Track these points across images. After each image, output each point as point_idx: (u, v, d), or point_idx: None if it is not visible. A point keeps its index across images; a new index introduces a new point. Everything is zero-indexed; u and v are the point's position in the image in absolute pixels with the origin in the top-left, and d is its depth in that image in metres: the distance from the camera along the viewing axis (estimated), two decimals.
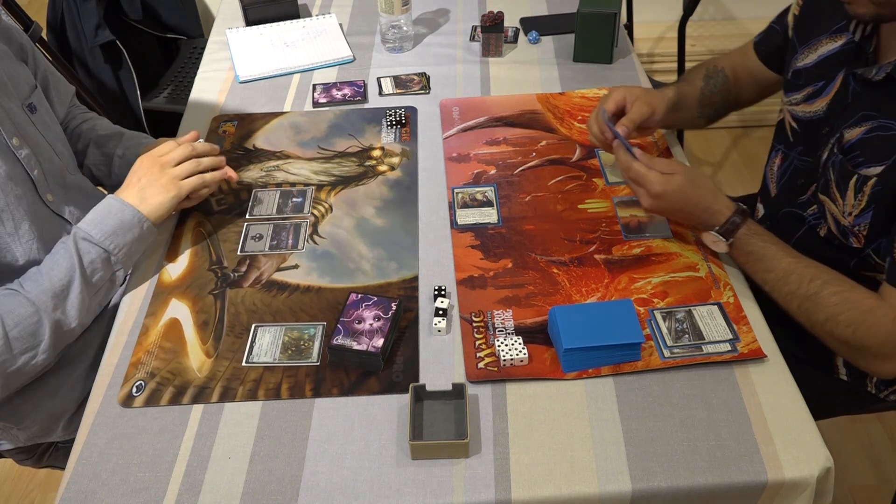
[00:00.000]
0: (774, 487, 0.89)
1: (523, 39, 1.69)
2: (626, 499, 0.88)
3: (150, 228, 1.12)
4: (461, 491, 0.88)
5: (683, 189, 1.09)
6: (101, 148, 1.33)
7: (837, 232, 1.12)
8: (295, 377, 1.01)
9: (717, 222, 1.09)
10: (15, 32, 1.22)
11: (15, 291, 1.02)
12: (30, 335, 1.01)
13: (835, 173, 1.10)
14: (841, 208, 1.09)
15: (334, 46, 1.66)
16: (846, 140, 1.08)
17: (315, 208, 1.27)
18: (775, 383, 0.98)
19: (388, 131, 1.43)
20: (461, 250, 1.18)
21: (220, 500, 0.88)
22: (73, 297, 1.04)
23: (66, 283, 1.04)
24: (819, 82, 1.17)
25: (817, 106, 1.17)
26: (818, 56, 1.17)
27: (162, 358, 1.04)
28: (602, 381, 0.99)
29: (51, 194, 1.14)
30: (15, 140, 1.09)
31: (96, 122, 1.38)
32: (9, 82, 1.13)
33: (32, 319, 1.01)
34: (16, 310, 1.00)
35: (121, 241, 1.09)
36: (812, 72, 1.18)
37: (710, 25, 2.73)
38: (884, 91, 1.05)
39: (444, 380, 1.00)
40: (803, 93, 1.19)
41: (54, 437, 1.20)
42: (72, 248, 1.06)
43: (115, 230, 1.08)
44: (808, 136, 1.20)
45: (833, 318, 1.00)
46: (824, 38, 1.16)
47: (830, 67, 1.15)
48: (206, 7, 2.52)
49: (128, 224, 1.09)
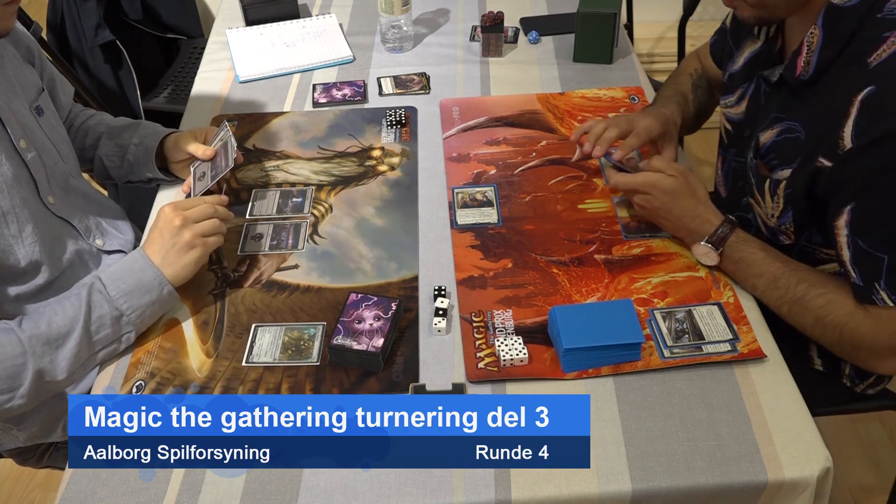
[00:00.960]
0: (774, 487, 0.89)
1: (523, 39, 1.69)
2: (626, 499, 0.88)
3: (171, 294, 1.06)
4: (461, 491, 0.88)
5: (674, 189, 1.09)
6: (114, 139, 1.32)
7: (767, 233, 1.13)
8: (295, 377, 1.01)
9: (706, 231, 1.08)
10: (22, 35, 1.22)
11: (10, 329, 0.98)
12: (9, 377, 0.96)
13: (753, 176, 1.11)
14: (765, 210, 1.11)
15: (334, 46, 1.67)
16: (762, 143, 1.09)
17: (315, 208, 1.27)
18: (775, 383, 0.98)
19: (388, 131, 1.43)
20: (461, 250, 1.18)
21: (220, 501, 0.88)
22: (68, 349, 0.99)
23: (64, 333, 0.98)
24: (744, 84, 1.18)
25: (742, 108, 1.19)
26: (744, 59, 1.18)
27: (162, 358, 1.04)
28: (602, 381, 0.99)
29: (52, 197, 1.14)
30: (22, 142, 1.09)
31: (102, 116, 1.38)
32: (17, 84, 1.13)
33: (17, 361, 0.96)
34: (3, 347, 0.96)
35: (136, 302, 1.02)
36: (739, 74, 1.20)
37: (710, 25, 2.72)
38: (787, 91, 1.05)
39: (444, 380, 1.00)
40: (735, 95, 1.21)
41: (54, 438, 1.20)
42: (83, 298, 1.00)
43: (131, 290, 1.02)
44: (737, 138, 1.22)
45: (821, 320, 1.00)
46: (749, 41, 1.17)
47: (751, 70, 1.16)
48: (206, 7, 2.52)
49: (147, 286, 1.03)
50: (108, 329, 1.01)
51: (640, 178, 1.12)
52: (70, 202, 1.19)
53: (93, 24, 1.96)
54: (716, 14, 2.73)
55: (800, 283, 1.02)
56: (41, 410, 1.15)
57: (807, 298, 1.01)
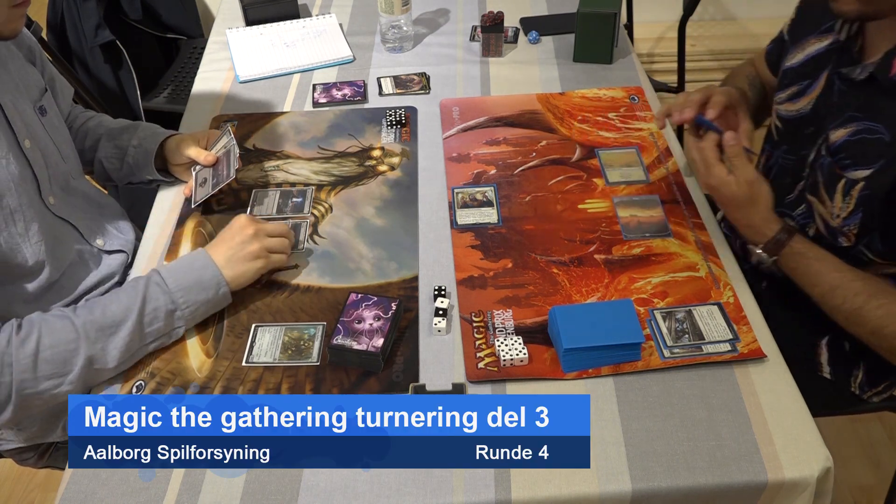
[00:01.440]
0: (774, 487, 0.89)
1: (523, 39, 1.69)
2: (626, 499, 0.88)
3: (226, 295, 1.07)
4: (461, 491, 0.88)
5: (736, 199, 1.07)
6: (114, 140, 1.32)
7: (826, 233, 1.12)
8: (295, 377, 1.01)
9: (760, 241, 1.08)
10: (24, 35, 1.22)
11: (65, 315, 0.99)
12: (61, 362, 0.96)
13: (823, 175, 1.10)
14: (829, 210, 1.09)
15: (334, 46, 1.67)
16: (832, 141, 1.08)
17: (315, 208, 1.27)
18: (775, 383, 0.98)
19: (388, 131, 1.43)
20: (461, 250, 1.18)
21: (220, 501, 0.88)
22: (120, 338, 0.99)
23: (118, 321, 0.99)
24: (804, 81, 1.17)
25: (801, 104, 1.17)
26: (805, 55, 1.17)
27: (162, 358, 1.04)
28: (602, 381, 0.99)
29: (52, 197, 1.14)
30: (27, 142, 1.09)
31: (101, 118, 1.38)
32: (21, 84, 1.13)
33: (70, 347, 0.96)
34: (57, 332, 0.96)
35: (192, 298, 1.04)
36: (798, 71, 1.18)
37: (710, 25, 2.73)
38: (867, 92, 1.04)
39: (444, 380, 1.00)
40: (787, 92, 1.20)
41: (54, 438, 1.20)
42: (140, 288, 1.02)
43: (190, 285, 1.04)
44: (792, 135, 1.20)
45: (879, 331, 1.00)
46: (812, 37, 1.16)
47: (816, 66, 1.15)
48: (206, 7, 2.52)
49: (206, 284, 1.05)
50: (161, 322, 1.02)
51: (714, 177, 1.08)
52: (70, 202, 1.19)
53: (93, 24, 1.96)
54: (716, 14, 2.73)
55: (857, 295, 1.01)
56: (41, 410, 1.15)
57: (865, 310, 1.01)
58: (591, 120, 1.43)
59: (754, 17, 2.72)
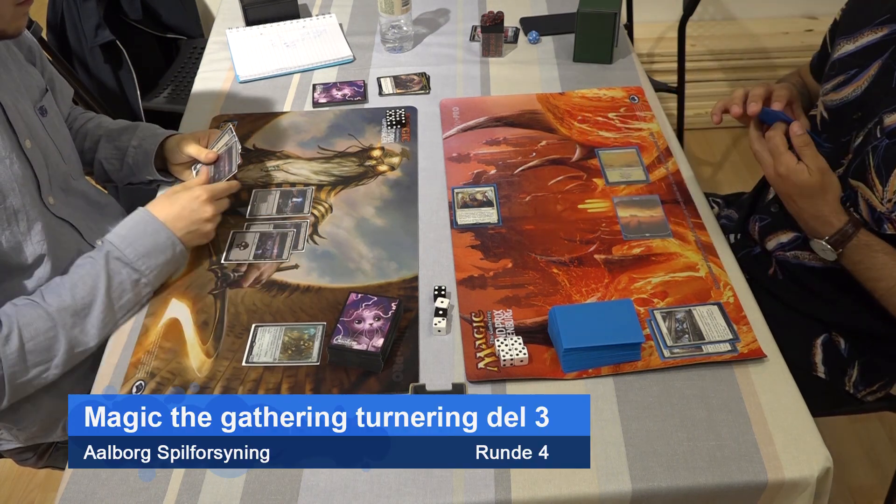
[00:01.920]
0: (774, 487, 0.89)
1: (523, 39, 1.69)
2: (626, 499, 0.88)
3: (183, 252, 1.12)
4: (461, 491, 0.88)
5: (805, 188, 1.05)
6: (113, 141, 1.32)
7: (871, 219, 1.10)
8: (295, 377, 1.01)
9: (826, 232, 1.07)
10: (24, 35, 1.22)
11: (35, 303, 1.01)
12: (44, 349, 1.00)
13: (875, 158, 1.07)
14: (879, 195, 1.07)
15: (334, 46, 1.67)
16: (887, 125, 1.06)
17: (315, 208, 1.27)
18: (775, 383, 0.98)
19: (388, 131, 1.43)
20: (461, 250, 1.18)
21: (220, 501, 0.88)
22: (94, 317, 1.03)
23: (88, 302, 1.03)
24: (851, 70, 1.15)
25: (846, 92, 1.16)
26: (856, 46, 1.16)
27: (162, 358, 1.04)
28: (602, 381, 0.99)
29: (52, 197, 1.14)
30: (28, 142, 1.09)
31: (101, 119, 1.38)
32: (22, 84, 1.13)
33: (49, 335, 1.00)
34: (34, 322, 1.00)
35: (153, 262, 1.08)
36: (847, 61, 1.17)
37: (710, 25, 2.73)
38: None
39: (444, 380, 1.00)
40: (833, 82, 1.18)
41: (54, 438, 1.20)
42: (100, 265, 1.04)
43: (148, 251, 1.07)
44: (836, 123, 1.18)
45: None
46: (867, 30, 1.15)
47: (868, 56, 1.13)
48: (206, 7, 2.52)
49: (161, 246, 1.09)
50: (130, 293, 1.07)
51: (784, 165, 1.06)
52: (70, 203, 1.19)
53: (93, 24, 1.96)
54: (716, 14, 2.73)
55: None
56: (41, 410, 1.15)
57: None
58: (591, 120, 1.43)
59: (754, 17, 2.72)
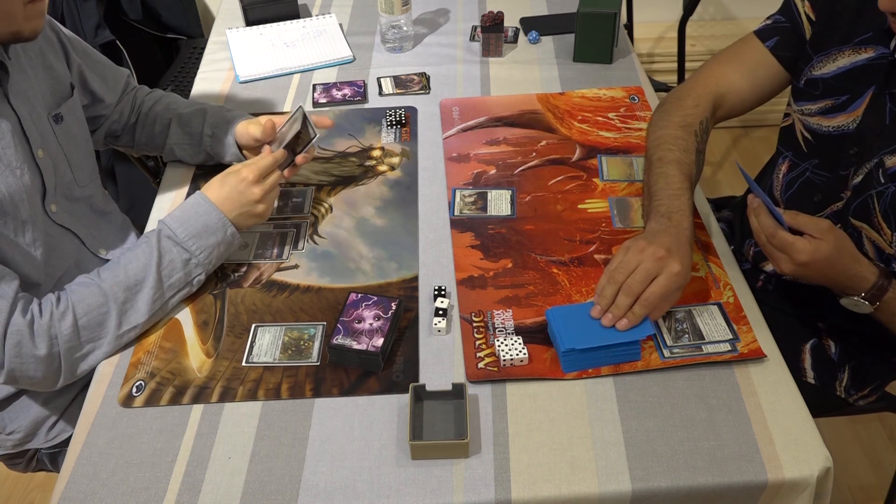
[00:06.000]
0: (774, 487, 0.89)
1: (523, 39, 1.69)
2: (626, 499, 0.88)
3: (234, 234, 1.11)
4: (461, 491, 0.88)
5: (831, 258, 0.98)
6: (184, 127, 1.32)
7: (878, 258, 1.08)
8: (295, 377, 1.01)
9: (863, 288, 1.01)
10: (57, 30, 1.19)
11: (91, 282, 1.03)
12: (97, 325, 1.01)
13: (881, 203, 1.04)
14: (888, 238, 1.05)
15: (334, 46, 1.67)
16: (888, 167, 1.03)
17: (315, 208, 1.27)
18: (775, 383, 0.98)
19: (388, 131, 1.43)
20: (461, 250, 1.18)
21: (220, 500, 0.88)
22: (145, 293, 1.03)
23: (140, 279, 1.03)
24: (841, 96, 1.10)
25: (840, 121, 1.10)
26: (837, 68, 1.10)
27: (162, 358, 1.04)
28: (602, 381, 0.99)
29: (55, 205, 1.13)
30: (40, 152, 1.09)
31: (169, 100, 1.36)
32: (38, 93, 1.12)
33: (102, 310, 1.01)
34: (87, 298, 1.01)
35: (203, 243, 1.08)
36: (831, 84, 1.11)
37: (710, 25, 2.73)
38: None
39: (444, 380, 1.00)
40: (819, 105, 1.13)
41: (37, 444, 1.19)
42: (153, 244, 1.05)
43: (199, 232, 1.07)
44: (828, 151, 1.13)
45: None
46: (846, 49, 1.09)
47: (857, 81, 1.08)
48: (206, 7, 2.52)
49: (212, 228, 1.08)
50: (180, 272, 1.07)
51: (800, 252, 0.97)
52: (72, 210, 1.18)
53: (93, 24, 1.96)
54: (716, 14, 2.73)
55: None
56: (27, 416, 1.15)
57: None
58: (591, 120, 1.43)
59: (754, 17, 2.71)
